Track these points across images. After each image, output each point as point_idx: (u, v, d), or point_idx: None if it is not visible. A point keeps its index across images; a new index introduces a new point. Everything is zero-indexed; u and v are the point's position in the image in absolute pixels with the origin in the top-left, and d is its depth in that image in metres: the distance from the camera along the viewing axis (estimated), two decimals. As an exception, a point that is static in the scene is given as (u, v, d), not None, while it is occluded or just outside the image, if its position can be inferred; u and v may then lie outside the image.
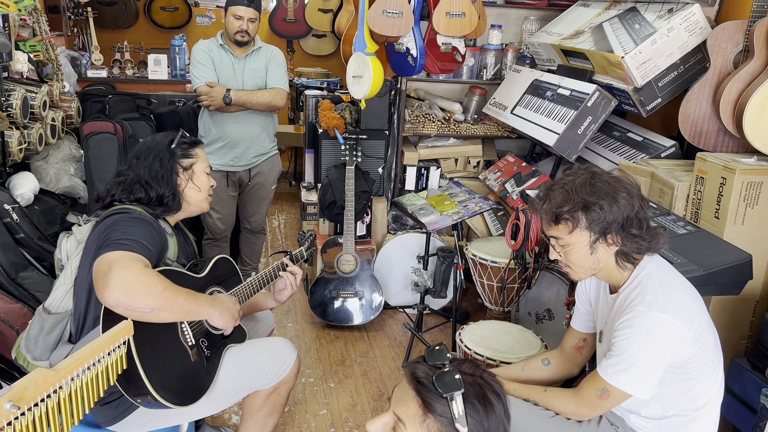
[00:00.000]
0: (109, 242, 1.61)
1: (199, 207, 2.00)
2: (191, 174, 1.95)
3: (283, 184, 5.75)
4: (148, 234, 1.70)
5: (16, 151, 2.75)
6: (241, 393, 1.95)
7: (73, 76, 3.83)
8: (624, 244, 1.55)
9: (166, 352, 1.68)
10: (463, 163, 3.79)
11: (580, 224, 1.54)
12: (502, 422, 1.02)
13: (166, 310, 1.59)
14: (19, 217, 2.56)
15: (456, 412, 0.97)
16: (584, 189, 1.54)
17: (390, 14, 2.89)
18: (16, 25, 3.06)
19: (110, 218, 1.73)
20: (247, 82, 3.10)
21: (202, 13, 5.73)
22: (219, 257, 2.00)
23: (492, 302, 2.98)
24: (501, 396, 1.04)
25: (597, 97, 2.79)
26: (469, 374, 1.04)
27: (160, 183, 1.87)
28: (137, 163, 1.89)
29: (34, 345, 1.77)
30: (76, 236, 1.84)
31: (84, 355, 1.35)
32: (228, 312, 1.80)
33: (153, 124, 3.48)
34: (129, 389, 1.62)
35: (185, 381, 1.73)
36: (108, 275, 1.51)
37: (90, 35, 4.60)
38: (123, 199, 1.85)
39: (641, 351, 1.48)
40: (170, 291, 1.59)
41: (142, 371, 1.56)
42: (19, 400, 1.19)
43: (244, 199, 3.35)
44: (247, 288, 2.01)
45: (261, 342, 2.07)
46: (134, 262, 1.56)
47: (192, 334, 1.77)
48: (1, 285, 2.38)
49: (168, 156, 1.90)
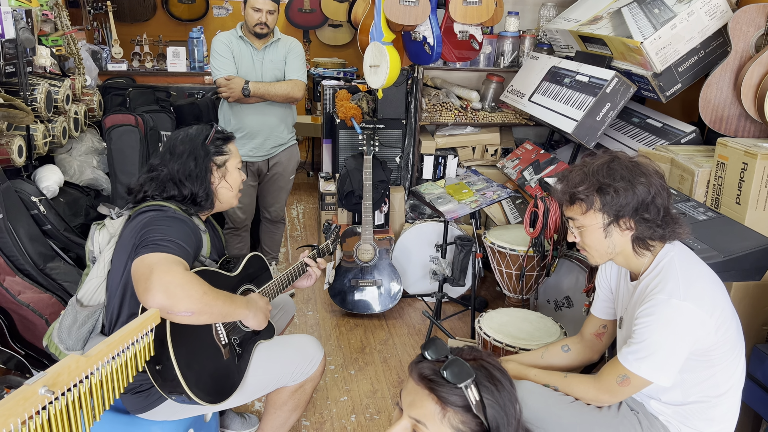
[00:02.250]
0: (147, 243, 1.62)
1: (228, 204, 2.00)
2: (224, 171, 1.93)
3: (301, 174, 5.78)
4: (184, 234, 1.70)
5: (41, 144, 2.81)
6: (268, 388, 1.98)
7: (94, 69, 3.89)
8: (638, 229, 1.55)
9: (201, 352, 1.71)
10: (481, 152, 3.79)
11: (594, 206, 1.55)
12: (512, 394, 1.05)
13: (205, 314, 1.60)
14: (45, 209, 2.62)
15: (473, 399, 0.99)
16: (601, 171, 1.55)
17: (406, 3, 2.88)
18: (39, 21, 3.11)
19: (145, 215, 1.74)
20: (265, 74, 3.12)
21: (219, 4, 5.76)
22: (251, 255, 2.01)
23: (511, 290, 2.99)
24: (503, 371, 1.07)
25: (616, 84, 2.77)
26: (471, 359, 1.05)
27: (194, 182, 1.85)
28: (170, 158, 1.87)
29: (67, 336, 1.81)
30: (108, 229, 1.85)
31: (114, 341, 1.39)
32: (261, 312, 1.83)
33: (173, 116, 3.53)
34: (164, 387, 1.65)
35: (218, 379, 1.76)
36: (150, 279, 1.52)
37: (110, 29, 4.65)
38: (155, 195, 1.84)
39: (662, 339, 1.48)
40: (209, 295, 1.61)
41: (179, 370, 1.59)
42: (54, 385, 1.23)
43: (263, 189, 3.39)
44: (277, 285, 2.04)
45: (290, 339, 2.10)
46: (175, 266, 1.57)
47: (225, 333, 1.80)
48: (30, 275, 2.44)
49: (203, 154, 1.88)
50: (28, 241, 2.47)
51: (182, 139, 1.91)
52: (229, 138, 1.99)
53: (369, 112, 3.66)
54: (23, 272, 2.43)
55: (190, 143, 1.89)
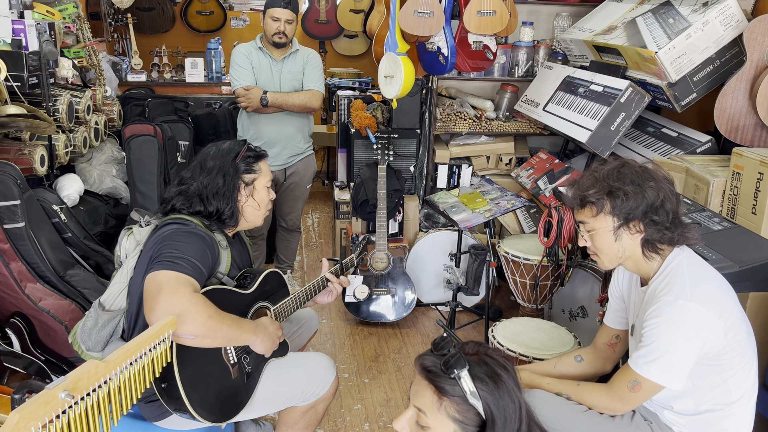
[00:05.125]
0: (162, 258, 1.63)
1: (254, 223, 1.98)
2: (252, 190, 1.92)
3: (316, 183, 5.81)
4: (200, 252, 1.70)
5: (62, 153, 2.87)
6: (276, 407, 1.97)
7: (114, 80, 3.97)
8: (647, 232, 1.57)
9: (208, 371, 1.71)
10: (495, 161, 3.80)
11: (605, 209, 1.57)
12: (513, 391, 1.08)
13: (209, 338, 1.60)
14: (66, 217, 2.67)
15: (467, 389, 1.05)
16: (612, 176, 1.58)
17: (421, 14, 2.92)
18: (61, 33, 3.19)
19: (167, 228, 1.76)
20: (284, 84, 3.16)
21: (237, 16, 5.85)
22: (268, 271, 1.99)
23: (525, 299, 2.99)
24: (508, 368, 1.10)
25: (630, 93, 2.77)
26: (473, 354, 1.11)
27: (221, 200, 1.84)
28: (201, 173, 1.86)
29: (88, 336, 1.84)
30: (136, 236, 1.87)
31: (131, 348, 1.42)
32: (269, 338, 1.80)
33: (191, 126, 3.58)
34: (170, 404, 1.67)
35: (224, 399, 1.75)
36: (157, 299, 1.53)
37: (129, 40, 4.75)
38: (182, 209, 1.85)
39: (670, 340, 1.48)
40: (215, 319, 1.60)
41: (183, 391, 1.60)
42: (74, 389, 1.26)
43: (279, 198, 3.43)
44: (293, 302, 2.03)
45: (301, 358, 2.06)
46: (183, 287, 1.57)
47: (234, 353, 1.80)
48: (50, 282, 2.49)
49: (232, 171, 1.87)
50: (49, 249, 2.52)
51: (214, 154, 1.90)
52: (261, 156, 1.97)
53: (384, 122, 3.69)
54: (44, 279, 2.48)
55: (221, 159, 1.88)
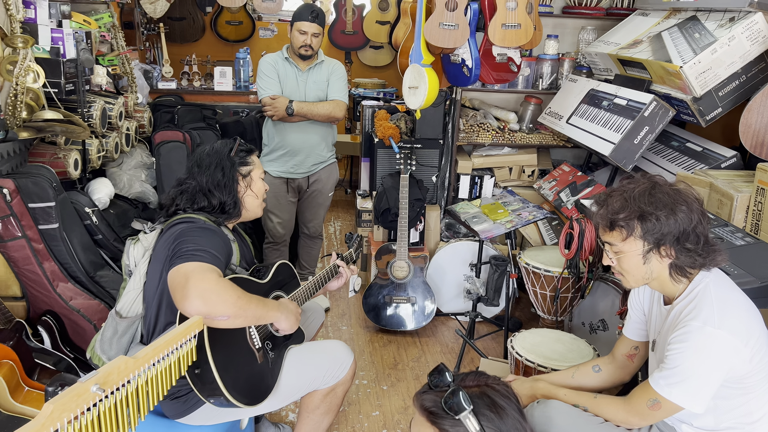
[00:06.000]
0: (181, 253, 1.69)
1: (254, 213, 2.09)
2: (249, 181, 2.03)
3: (339, 191, 5.88)
4: (216, 243, 1.78)
5: (95, 158, 2.96)
6: (301, 391, 2.04)
7: (145, 87, 4.07)
8: (678, 258, 1.54)
9: (237, 356, 1.78)
10: (518, 172, 3.81)
11: (635, 233, 1.54)
12: (518, 420, 1.06)
13: (240, 317, 1.68)
14: (97, 219, 2.76)
15: (472, 429, 1.02)
16: (643, 198, 1.54)
17: (446, 27, 2.95)
18: (97, 42, 3.30)
19: (176, 227, 1.82)
20: (309, 94, 3.23)
21: (265, 26, 5.96)
22: (280, 263, 2.09)
23: (545, 311, 2.99)
24: (510, 397, 1.08)
25: (654, 107, 2.77)
26: (474, 386, 1.08)
27: (223, 191, 1.95)
28: (199, 171, 1.97)
29: (108, 346, 1.89)
30: (143, 243, 1.94)
31: (159, 345, 1.47)
32: (293, 315, 1.90)
33: (218, 133, 3.66)
34: (203, 390, 1.72)
35: (253, 382, 1.82)
36: (186, 287, 1.60)
37: (161, 49, 4.87)
38: (186, 208, 1.93)
39: (695, 366, 1.47)
40: (243, 299, 1.68)
41: (217, 374, 1.67)
42: (104, 383, 1.31)
43: (302, 205, 3.48)
44: (305, 291, 2.11)
45: (320, 344, 2.16)
46: (209, 273, 1.64)
47: (259, 338, 1.88)
48: (81, 282, 2.57)
49: (229, 165, 1.98)
50: (80, 250, 2.60)
51: (208, 152, 2.01)
52: (251, 150, 2.09)
53: (407, 132, 3.73)
54: (75, 279, 2.56)
55: (216, 156, 1.99)
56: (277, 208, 3.32)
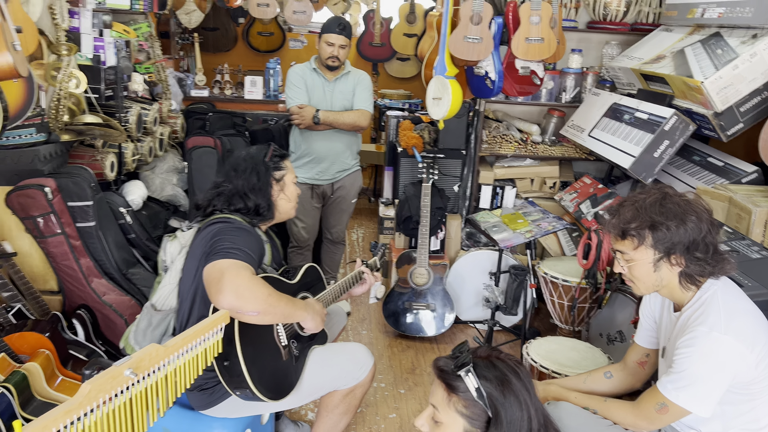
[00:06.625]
0: (217, 251, 1.78)
1: (287, 215, 2.19)
2: (283, 185, 2.13)
3: (363, 200, 5.97)
4: (250, 243, 1.87)
5: (130, 161, 3.10)
6: (322, 390, 2.11)
7: (179, 95, 4.23)
8: (688, 266, 1.58)
9: (264, 351, 1.87)
10: (539, 184, 3.85)
11: (646, 242, 1.58)
12: (520, 392, 1.18)
13: (269, 314, 1.77)
14: (131, 219, 2.88)
15: (471, 385, 1.17)
16: (654, 208, 1.58)
17: (470, 40, 3.03)
18: (135, 50, 3.45)
19: (213, 227, 1.91)
20: (335, 103, 3.33)
21: (295, 37, 6.11)
22: (308, 265, 2.18)
23: (562, 321, 3.02)
24: (518, 371, 1.20)
25: (675, 122, 2.80)
26: (484, 357, 1.23)
27: (258, 195, 2.04)
28: (235, 175, 2.06)
29: (142, 338, 1.98)
30: (180, 240, 2.04)
31: (189, 336, 1.56)
32: (318, 315, 1.97)
33: (248, 140, 3.79)
34: (230, 382, 1.81)
35: (277, 377, 1.91)
36: (221, 281, 1.68)
37: (195, 58, 5.03)
38: (223, 209, 2.03)
39: (701, 370, 1.51)
40: (273, 297, 1.76)
41: (244, 367, 1.75)
42: (137, 368, 1.41)
43: (326, 211, 3.57)
44: (331, 294, 2.19)
45: (342, 346, 2.24)
46: (243, 270, 1.73)
47: (285, 336, 1.96)
48: (114, 278, 2.69)
49: (263, 169, 2.07)
50: (114, 248, 2.72)
51: (244, 157, 2.11)
52: (284, 155, 2.18)
53: (430, 142, 3.80)
54: (108, 275, 2.68)
55: (252, 161, 2.08)
56: (301, 213, 3.42)
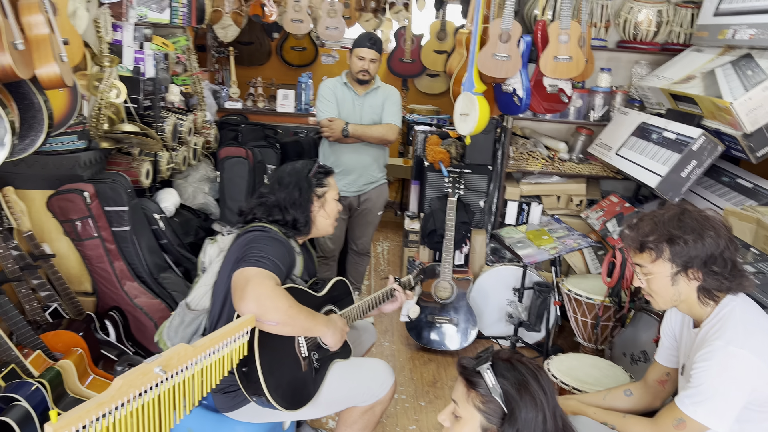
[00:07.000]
0: (248, 258, 1.84)
1: (324, 231, 2.21)
2: (323, 202, 2.16)
3: (389, 213, 6.01)
4: (281, 254, 1.91)
5: (165, 169, 3.20)
6: (340, 405, 2.13)
7: (213, 106, 4.35)
8: (705, 280, 1.60)
9: (283, 360, 1.90)
10: (566, 201, 3.85)
11: (663, 255, 1.61)
12: (537, 392, 1.23)
13: (288, 325, 1.80)
14: (164, 225, 2.97)
15: (489, 382, 1.23)
16: (672, 222, 1.62)
17: (499, 57, 3.07)
18: (173, 62, 3.57)
19: (250, 234, 1.97)
20: (364, 117, 3.40)
21: (327, 52, 6.23)
22: (337, 279, 2.21)
23: (585, 339, 3.01)
24: (538, 375, 1.25)
25: (703, 142, 2.79)
26: (504, 359, 1.29)
27: (297, 209, 2.08)
28: (279, 188, 2.11)
29: (174, 334, 2.05)
30: (219, 244, 2.10)
31: (216, 337, 1.62)
32: (339, 332, 1.99)
33: (278, 152, 3.88)
34: (248, 387, 1.86)
35: (295, 388, 1.93)
36: (245, 289, 1.74)
37: (229, 71, 5.17)
38: (262, 218, 2.09)
39: (718, 384, 1.52)
40: (294, 309, 1.80)
41: (261, 374, 1.79)
42: (166, 366, 1.47)
43: (352, 223, 3.63)
44: (358, 310, 2.21)
45: (363, 362, 2.24)
46: (268, 280, 1.78)
47: (306, 347, 1.99)
48: (145, 282, 2.77)
49: (306, 185, 2.12)
50: (147, 252, 2.81)
51: (289, 171, 2.16)
52: (330, 172, 2.22)
53: (457, 157, 3.83)
54: (140, 279, 2.77)
55: (296, 175, 2.13)
56: (328, 224, 3.48)
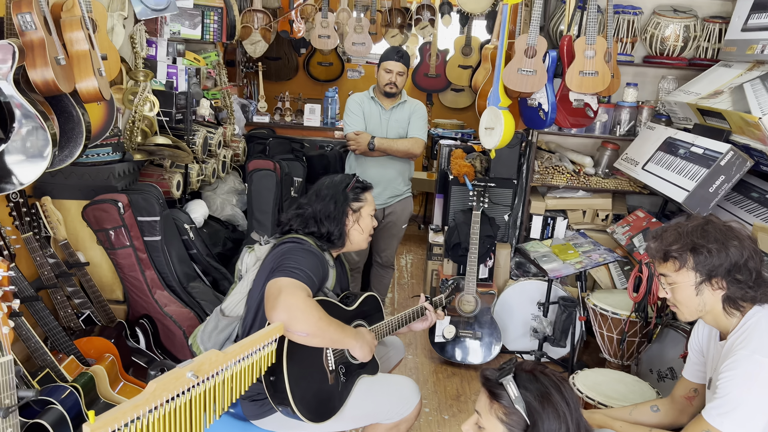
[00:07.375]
0: (282, 268, 1.88)
1: (358, 245, 2.23)
2: (358, 216, 2.19)
3: (412, 226, 6.04)
4: (314, 266, 1.94)
5: (195, 181, 3.28)
6: (365, 420, 2.14)
7: (242, 120, 4.44)
8: (729, 290, 1.60)
9: (310, 372, 1.92)
10: (591, 216, 3.84)
11: (687, 264, 1.62)
12: (559, 404, 1.24)
13: (317, 337, 1.82)
14: (194, 235, 3.04)
15: (511, 393, 1.24)
16: (696, 233, 1.63)
17: (524, 72, 3.09)
18: (204, 77, 3.66)
19: (285, 245, 2.01)
20: (390, 131, 3.44)
21: (353, 68, 6.31)
22: (367, 294, 2.22)
23: (611, 354, 2.99)
24: (560, 387, 1.27)
25: (731, 157, 2.77)
26: (527, 371, 1.30)
27: (332, 222, 2.12)
28: (316, 199, 2.15)
29: (207, 339, 2.09)
30: (257, 253, 2.14)
31: (246, 344, 1.66)
32: (367, 346, 2.00)
33: (305, 165, 3.94)
34: (274, 397, 1.88)
35: (320, 400, 1.95)
36: (278, 298, 1.78)
37: (258, 86, 5.27)
38: (298, 229, 2.12)
39: (744, 394, 1.51)
40: (324, 321, 1.82)
41: (288, 384, 1.82)
42: (198, 371, 1.50)
43: (377, 235, 3.66)
44: (387, 326, 2.22)
45: (390, 379, 2.25)
46: (300, 291, 1.80)
47: (334, 360, 2.01)
48: (175, 291, 2.83)
49: (342, 199, 2.15)
50: (177, 262, 2.88)
51: (328, 184, 2.20)
52: (367, 188, 2.25)
53: (482, 171, 3.85)
54: (170, 288, 2.83)
55: (334, 188, 2.17)
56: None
